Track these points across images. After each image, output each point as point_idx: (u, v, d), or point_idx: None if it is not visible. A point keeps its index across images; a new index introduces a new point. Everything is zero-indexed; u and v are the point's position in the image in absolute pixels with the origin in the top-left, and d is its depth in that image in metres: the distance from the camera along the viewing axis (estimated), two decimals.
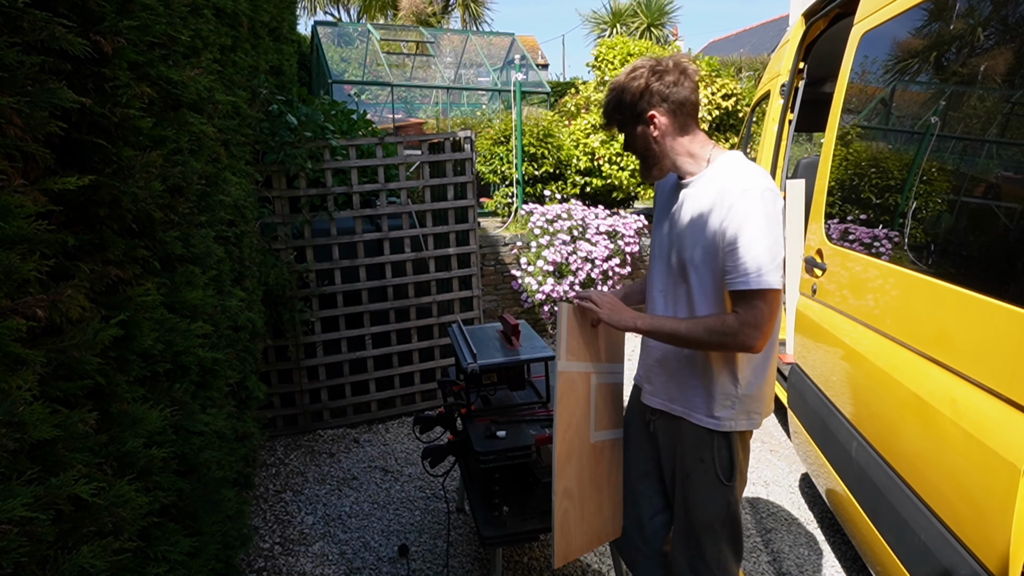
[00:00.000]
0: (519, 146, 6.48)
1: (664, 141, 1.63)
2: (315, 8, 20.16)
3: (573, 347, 1.83)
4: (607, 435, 1.98)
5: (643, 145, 1.65)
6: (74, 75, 1.17)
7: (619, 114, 1.64)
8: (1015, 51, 1.50)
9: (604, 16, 15.78)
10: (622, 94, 1.61)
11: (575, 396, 1.84)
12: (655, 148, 1.64)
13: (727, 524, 1.71)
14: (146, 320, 1.39)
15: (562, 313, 1.79)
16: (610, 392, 2.00)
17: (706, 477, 1.68)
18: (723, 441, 1.67)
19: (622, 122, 1.65)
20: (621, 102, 1.62)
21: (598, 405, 1.95)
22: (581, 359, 1.86)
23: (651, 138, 1.62)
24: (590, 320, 1.84)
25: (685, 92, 1.59)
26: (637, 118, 1.61)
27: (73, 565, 1.03)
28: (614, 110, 1.64)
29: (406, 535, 2.90)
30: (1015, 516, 1.27)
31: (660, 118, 1.60)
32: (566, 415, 1.81)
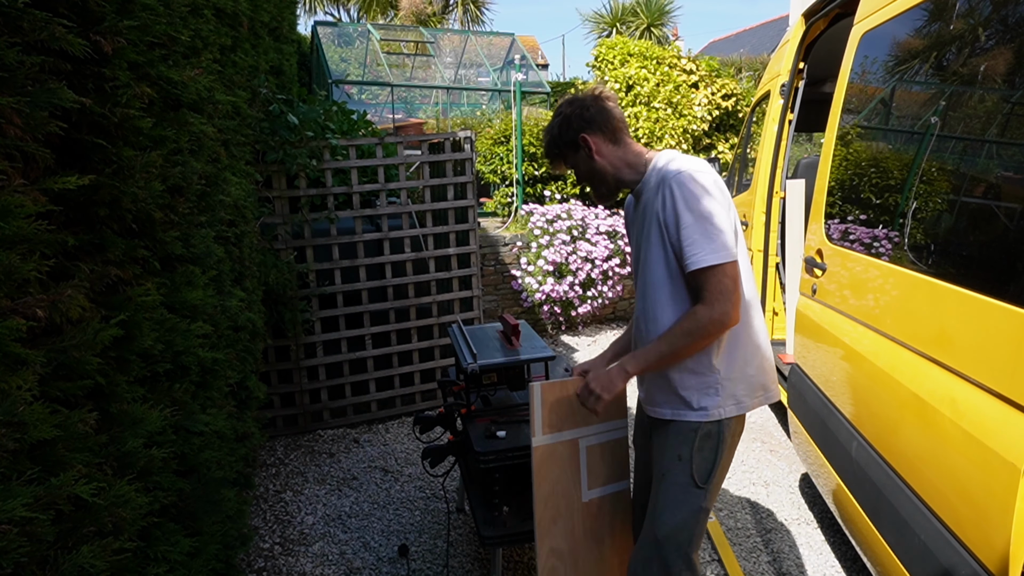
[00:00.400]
0: (519, 146, 6.48)
1: (602, 158, 1.73)
2: (315, 8, 20.15)
3: (550, 421, 1.92)
4: (606, 490, 2.03)
5: (586, 167, 1.75)
6: (74, 75, 1.17)
7: (557, 148, 1.76)
8: (1015, 51, 1.50)
9: (604, 16, 15.77)
10: (553, 131, 1.75)
11: (556, 464, 1.93)
12: (597, 167, 1.74)
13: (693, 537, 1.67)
14: (146, 320, 1.39)
15: (534, 394, 1.88)
16: (607, 449, 2.03)
17: (681, 478, 1.66)
18: (709, 440, 1.65)
19: (562, 154, 1.77)
20: (555, 138, 1.75)
21: (592, 465, 2.00)
22: (563, 429, 1.94)
23: (591, 158, 1.73)
24: (571, 391, 1.90)
25: (606, 111, 1.72)
26: (573, 145, 1.73)
27: (73, 565, 1.03)
28: (552, 147, 1.77)
29: (406, 535, 2.90)
30: (1015, 516, 1.27)
31: (591, 138, 1.71)
32: (546, 484, 1.91)
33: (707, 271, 1.52)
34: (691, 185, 1.54)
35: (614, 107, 1.73)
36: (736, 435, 1.72)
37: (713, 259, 1.51)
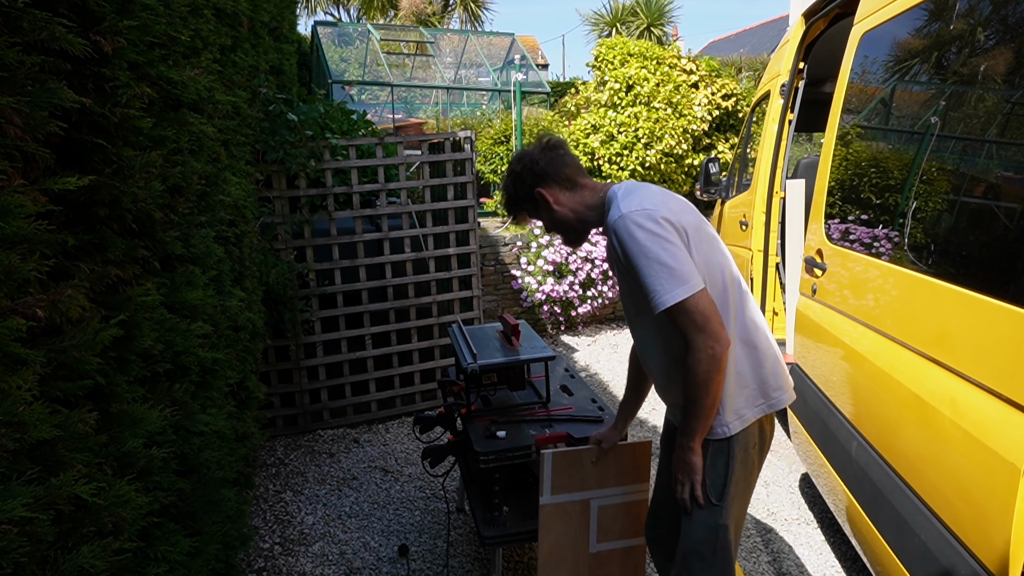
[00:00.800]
0: (519, 146, 6.48)
1: (561, 207, 1.75)
2: (315, 8, 20.15)
3: (560, 484, 2.04)
4: (617, 544, 2.10)
5: (549, 218, 1.78)
6: (74, 75, 1.17)
7: (516, 205, 1.80)
8: (1015, 51, 1.50)
9: (604, 16, 15.77)
10: (509, 190, 1.79)
11: (563, 520, 2.06)
12: (558, 216, 1.76)
13: (716, 552, 1.65)
14: (146, 320, 1.39)
15: (545, 462, 2.01)
16: (623, 510, 2.09)
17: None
18: (719, 456, 1.63)
19: (523, 209, 1.81)
20: (512, 197, 1.79)
21: (604, 522, 2.08)
22: (572, 491, 2.06)
23: (551, 210, 1.75)
24: (584, 459, 2.03)
25: (557, 161, 1.74)
26: (531, 201, 1.76)
27: (73, 565, 1.03)
28: (511, 205, 1.81)
29: (406, 535, 2.90)
30: (1015, 516, 1.27)
31: (546, 191, 1.73)
32: (551, 536, 2.04)
33: (672, 311, 1.50)
34: (633, 230, 1.53)
35: (564, 153, 1.75)
36: (751, 448, 1.67)
37: (670, 299, 1.49)
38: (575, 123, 7.68)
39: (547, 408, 2.46)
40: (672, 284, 1.48)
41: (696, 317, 1.49)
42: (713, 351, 1.50)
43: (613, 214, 1.59)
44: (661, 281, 1.49)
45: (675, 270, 1.49)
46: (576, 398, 2.57)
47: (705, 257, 1.59)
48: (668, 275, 1.49)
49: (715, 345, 1.50)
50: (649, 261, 1.50)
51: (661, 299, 1.49)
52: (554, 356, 2.48)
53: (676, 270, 1.49)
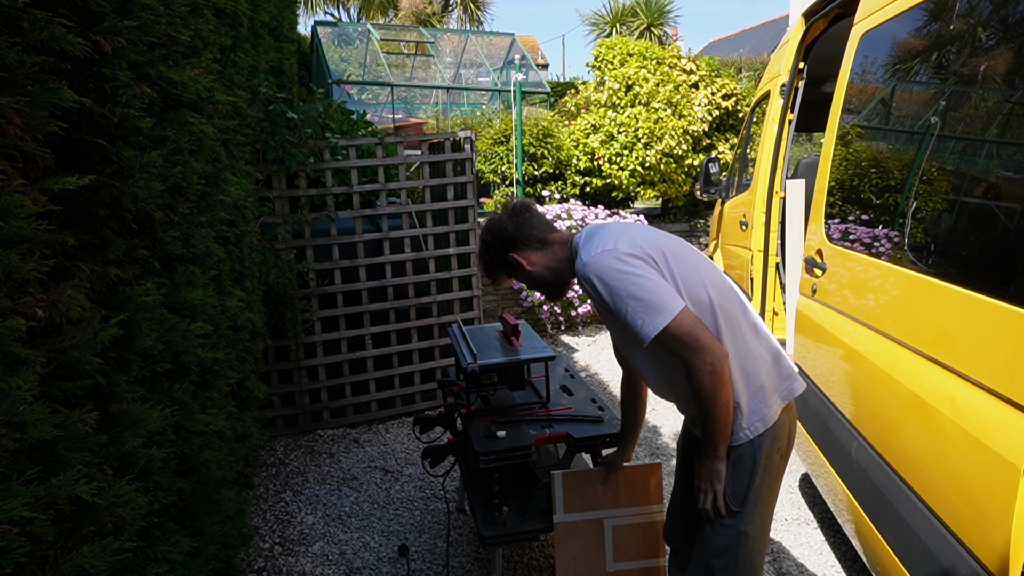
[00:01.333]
0: (519, 146, 6.49)
1: (535, 267, 1.80)
2: (315, 8, 20.15)
3: (572, 503, 2.12)
4: (634, 564, 2.15)
5: (526, 279, 1.83)
6: (74, 75, 1.17)
7: (493, 271, 1.86)
8: (1015, 51, 1.50)
9: (604, 16, 15.78)
10: (484, 258, 1.86)
11: (578, 538, 2.12)
12: (535, 276, 1.81)
13: (738, 560, 1.64)
14: (146, 320, 1.39)
15: (555, 482, 2.11)
16: (638, 530, 2.13)
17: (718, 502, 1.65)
18: (741, 464, 1.62)
19: (502, 272, 1.86)
20: (487, 264, 1.85)
21: (619, 541, 2.14)
22: (585, 510, 2.13)
23: (526, 271, 1.80)
24: (593, 479, 2.13)
25: (524, 225, 1.79)
26: (507, 265, 1.82)
27: (73, 565, 1.03)
28: (488, 271, 1.87)
29: (406, 535, 2.90)
30: (1015, 516, 1.27)
31: (518, 256, 1.79)
32: (567, 553, 2.11)
33: (660, 339, 1.51)
34: (598, 274, 1.56)
35: (531, 216, 1.80)
36: (773, 454, 1.66)
37: (653, 330, 1.50)
38: (575, 123, 7.68)
39: (547, 408, 2.46)
40: (651, 315, 1.50)
41: (685, 338, 1.51)
42: (711, 365, 1.51)
43: (578, 265, 1.64)
44: (639, 315, 1.51)
45: (649, 301, 1.51)
46: (576, 398, 2.57)
47: (682, 276, 1.60)
48: (644, 308, 1.51)
49: (711, 359, 1.51)
50: (623, 299, 1.52)
51: (645, 332, 1.51)
52: (554, 356, 2.48)
53: (650, 300, 1.51)
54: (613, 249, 1.57)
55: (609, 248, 1.57)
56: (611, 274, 1.54)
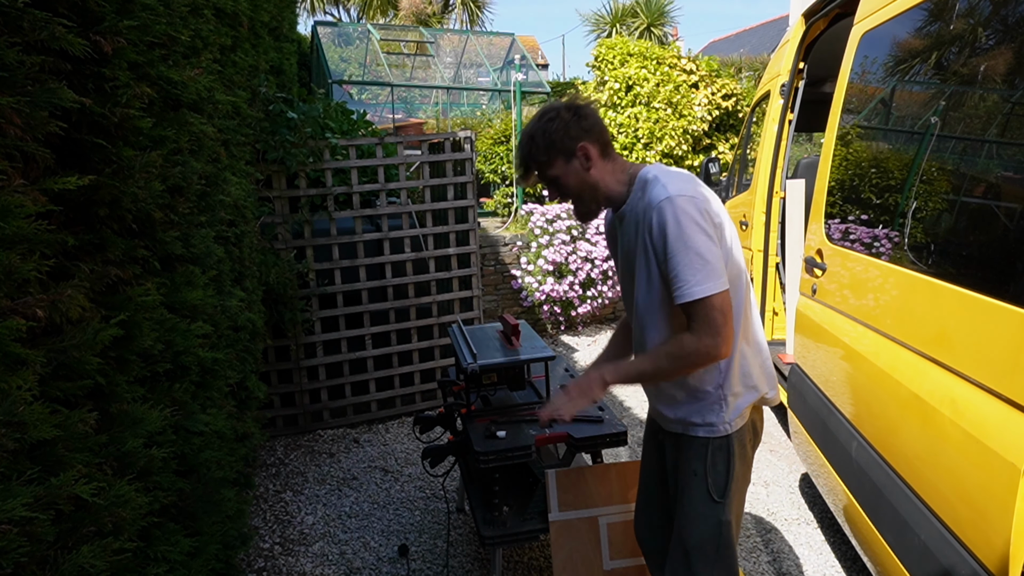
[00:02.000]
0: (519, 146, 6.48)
1: (594, 172, 1.61)
2: (315, 8, 20.15)
3: (566, 501, 2.13)
4: (630, 562, 2.15)
5: (577, 181, 1.62)
6: (74, 75, 1.17)
7: (546, 155, 1.59)
8: (1015, 51, 1.50)
9: (604, 16, 15.77)
10: (549, 135, 1.59)
11: (573, 536, 2.13)
12: (589, 180, 1.62)
13: (720, 549, 1.64)
14: (146, 320, 1.39)
15: (549, 480, 2.13)
16: (632, 527, 2.09)
17: (698, 493, 1.64)
18: (720, 454, 1.63)
19: (548, 163, 1.61)
20: (549, 144, 1.59)
21: (614, 539, 2.15)
22: (579, 507, 2.13)
23: (584, 171, 1.61)
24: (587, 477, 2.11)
25: (600, 122, 1.64)
26: (566, 154, 1.59)
27: (73, 565, 1.03)
28: (539, 154, 1.60)
29: (406, 535, 2.90)
30: (1015, 516, 1.27)
31: (591, 148, 1.59)
32: (563, 552, 2.11)
33: (695, 304, 1.47)
34: (678, 213, 1.47)
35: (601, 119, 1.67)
36: (747, 444, 1.68)
37: (700, 292, 1.45)
38: None
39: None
40: (703, 277, 1.45)
41: (715, 316, 1.46)
42: (711, 352, 1.48)
43: (658, 193, 1.50)
44: (695, 271, 1.45)
45: (710, 264, 1.46)
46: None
47: (729, 256, 1.56)
48: (703, 267, 1.45)
49: (718, 348, 1.47)
50: (688, 249, 1.45)
51: (691, 289, 1.45)
52: (554, 356, 2.48)
53: (711, 265, 1.46)
54: (699, 199, 1.50)
55: (696, 197, 1.50)
56: (689, 222, 1.47)
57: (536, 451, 2.22)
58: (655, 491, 1.87)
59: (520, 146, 1.65)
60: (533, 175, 1.64)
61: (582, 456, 2.57)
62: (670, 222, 1.47)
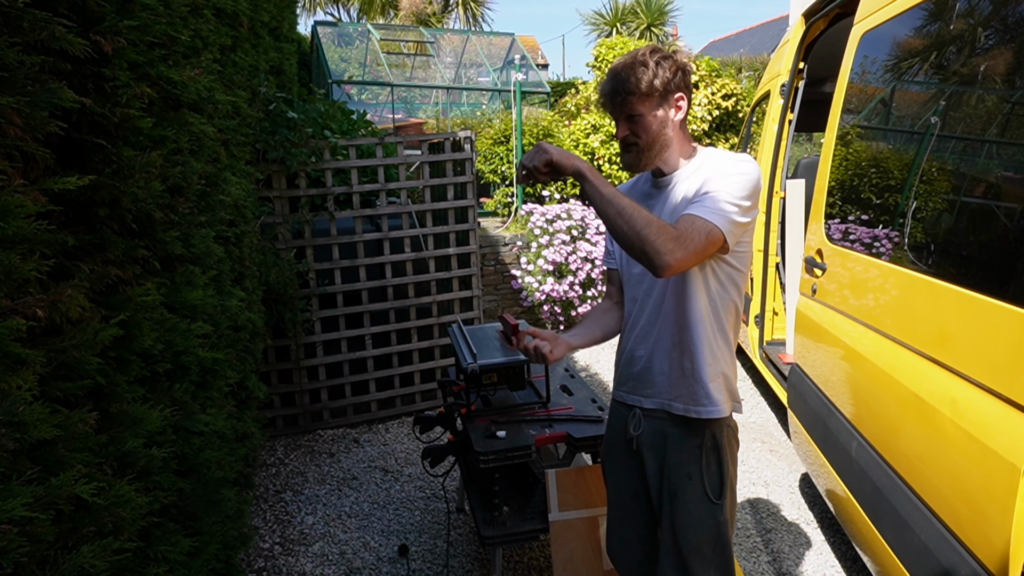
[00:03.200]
0: (519, 146, 6.49)
1: (674, 129, 1.56)
2: (315, 8, 20.15)
3: (566, 501, 2.13)
4: None
5: (658, 128, 1.54)
6: (74, 75, 1.17)
7: (648, 89, 1.50)
8: (1015, 51, 1.50)
9: (604, 16, 15.77)
10: (657, 68, 1.50)
11: (573, 536, 2.13)
12: (665, 135, 1.55)
13: (717, 548, 1.62)
14: (146, 320, 1.39)
15: (549, 480, 2.15)
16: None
17: (695, 495, 1.61)
18: (713, 455, 1.61)
19: (644, 97, 1.50)
20: (664, 81, 1.50)
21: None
22: (579, 507, 2.14)
23: (670, 123, 1.54)
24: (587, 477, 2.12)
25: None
26: (663, 96, 1.52)
27: (73, 565, 1.03)
28: (644, 83, 1.49)
29: (406, 535, 2.90)
30: (1015, 516, 1.27)
31: (684, 103, 1.55)
32: (563, 552, 2.11)
33: (695, 219, 1.42)
34: (737, 168, 1.47)
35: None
36: (732, 442, 1.67)
37: (710, 217, 1.41)
38: (575, 123, 7.68)
39: (547, 408, 2.46)
40: (722, 210, 1.43)
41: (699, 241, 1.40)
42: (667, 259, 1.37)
43: (725, 156, 1.53)
44: (716, 202, 1.43)
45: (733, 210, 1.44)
46: (576, 398, 2.57)
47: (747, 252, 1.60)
48: (726, 206, 1.43)
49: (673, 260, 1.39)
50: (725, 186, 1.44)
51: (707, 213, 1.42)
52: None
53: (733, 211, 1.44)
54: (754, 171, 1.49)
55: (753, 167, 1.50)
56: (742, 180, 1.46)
57: (536, 451, 2.22)
58: (631, 505, 1.77)
59: (618, 71, 1.53)
60: (618, 103, 1.53)
61: (582, 456, 2.57)
62: (728, 170, 1.47)
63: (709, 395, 1.60)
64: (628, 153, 1.59)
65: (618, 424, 1.80)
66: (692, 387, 1.61)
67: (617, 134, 1.59)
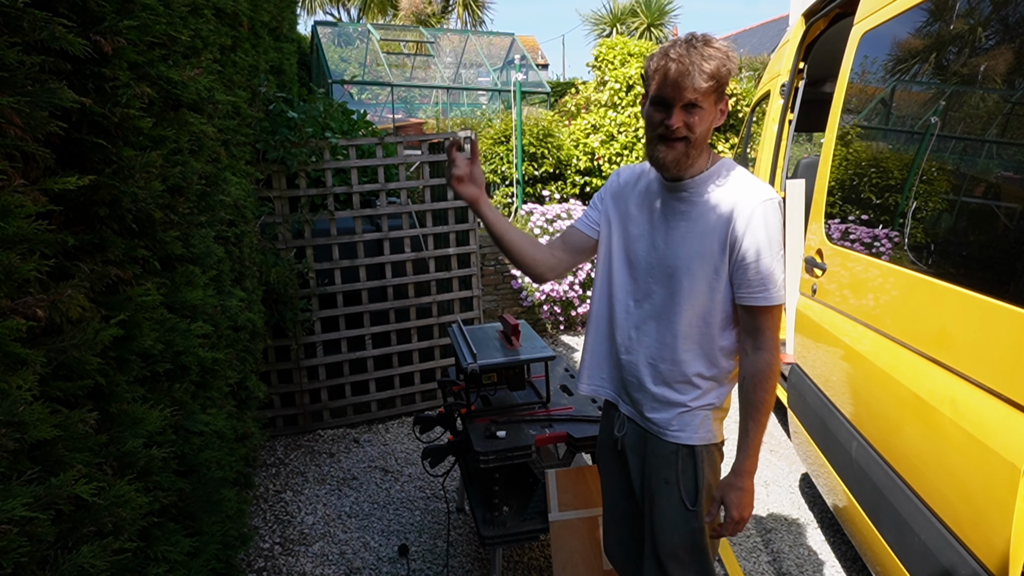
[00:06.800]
0: (519, 146, 6.49)
1: (710, 131, 1.49)
2: (315, 8, 20.15)
3: (566, 501, 2.14)
4: None
5: (707, 126, 1.45)
6: (74, 75, 1.17)
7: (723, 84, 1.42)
8: (1015, 51, 1.50)
9: (604, 16, 15.77)
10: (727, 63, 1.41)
11: (573, 536, 2.14)
12: (707, 134, 1.48)
13: (694, 554, 1.62)
14: (146, 320, 1.39)
15: (549, 480, 2.14)
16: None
17: (671, 501, 1.61)
18: (688, 461, 1.60)
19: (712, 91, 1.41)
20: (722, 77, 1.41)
21: None
22: (580, 507, 2.15)
23: (710, 123, 1.46)
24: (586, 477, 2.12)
25: None
26: (721, 96, 1.45)
27: (73, 565, 1.03)
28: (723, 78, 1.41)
29: (406, 535, 2.90)
30: (1015, 516, 1.27)
31: (725, 107, 1.49)
32: (563, 552, 2.11)
33: (768, 311, 1.48)
34: (778, 222, 1.48)
35: None
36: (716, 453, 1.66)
37: (777, 299, 1.47)
38: (575, 123, 7.68)
39: (547, 408, 2.46)
40: (780, 285, 1.48)
41: (777, 322, 1.50)
42: (778, 365, 1.51)
43: (760, 191, 1.47)
44: (779, 276, 1.47)
45: (781, 276, 1.50)
46: (576, 398, 2.57)
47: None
48: (780, 276, 1.48)
49: (778, 359, 1.51)
50: (776, 256, 1.47)
51: (775, 292, 1.47)
52: (554, 356, 2.48)
53: (782, 276, 1.50)
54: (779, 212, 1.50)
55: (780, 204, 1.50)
56: (777, 232, 1.48)
57: (536, 451, 2.22)
58: (624, 504, 1.79)
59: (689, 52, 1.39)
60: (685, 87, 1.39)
61: (582, 456, 2.57)
62: (772, 226, 1.47)
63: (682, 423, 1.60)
64: (674, 148, 1.45)
65: (608, 425, 1.81)
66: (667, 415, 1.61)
67: (671, 121, 1.42)
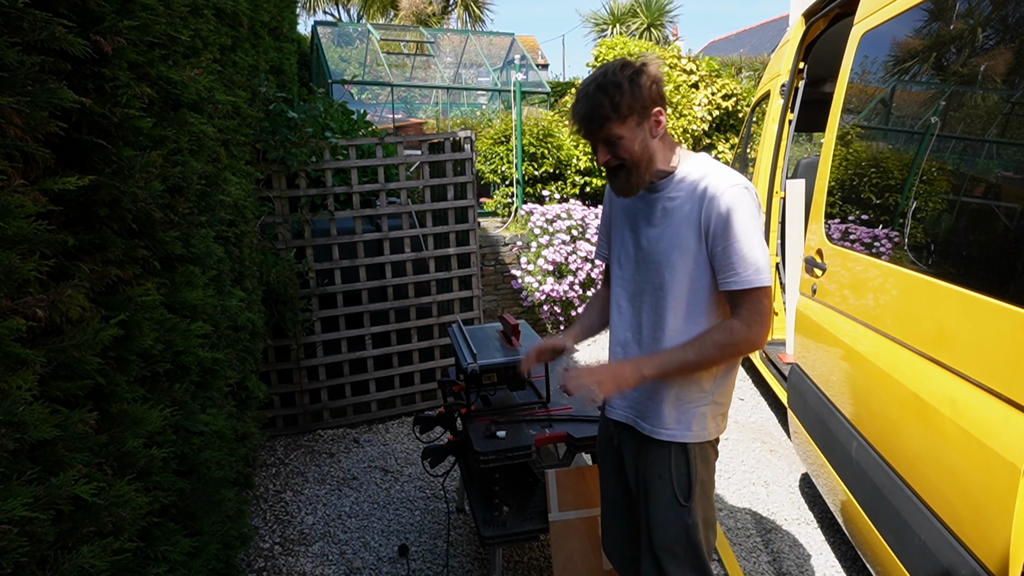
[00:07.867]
0: (519, 146, 6.48)
1: (656, 142, 1.53)
2: (315, 8, 20.16)
3: (566, 501, 2.14)
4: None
5: (641, 147, 1.49)
6: (74, 75, 1.17)
7: (626, 109, 1.45)
8: (1015, 51, 1.50)
9: (604, 16, 15.77)
10: (632, 87, 1.44)
11: (573, 536, 2.13)
12: (650, 150, 1.51)
13: (688, 549, 1.63)
14: (146, 320, 1.39)
15: (549, 480, 2.14)
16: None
17: (664, 496, 1.62)
18: (681, 457, 1.60)
19: (621, 119, 1.45)
20: (633, 97, 1.44)
21: None
22: (579, 507, 2.14)
23: (650, 138, 1.50)
24: (587, 476, 2.10)
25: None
26: (642, 114, 1.48)
27: (73, 565, 1.03)
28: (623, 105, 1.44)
29: (406, 535, 2.90)
30: (1015, 516, 1.27)
31: (662, 117, 1.51)
32: (563, 552, 2.11)
33: (753, 292, 1.48)
34: (749, 203, 1.49)
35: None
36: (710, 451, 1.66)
37: (758, 280, 1.47)
38: None
39: (547, 408, 2.46)
40: (761, 266, 1.48)
41: (767, 306, 1.50)
42: (757, 342, 1.50)
43: (726, 178, 1.49)
44: (759, 257, 1.48)
45: (765, 257, 1.50)
46: (576, 398, 2.57)
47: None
48: (762, 257, 1.49)
49: (763, 338, 1.51)
50: (752, 240, 1.47)
51: (751, 276, 1.47)
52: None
53: (766, 258, 1.50)
54: (755, 194, 1.51)
55: (752, 191, 1.51)
56: (747, 215, 1.48)
57: (536, 451, 2.22)
58: (622, 502, 1.80)
59: (592, 94, 1.47)
60: (594, 129, 1.48)
61: (582, 456, 2.56)
62: (742, 210, 1.47)
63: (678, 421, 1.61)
64: (617, 178, 1.54)
65: (605, 420, 1.82)
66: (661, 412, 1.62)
67: (598, 159, 1.53)
